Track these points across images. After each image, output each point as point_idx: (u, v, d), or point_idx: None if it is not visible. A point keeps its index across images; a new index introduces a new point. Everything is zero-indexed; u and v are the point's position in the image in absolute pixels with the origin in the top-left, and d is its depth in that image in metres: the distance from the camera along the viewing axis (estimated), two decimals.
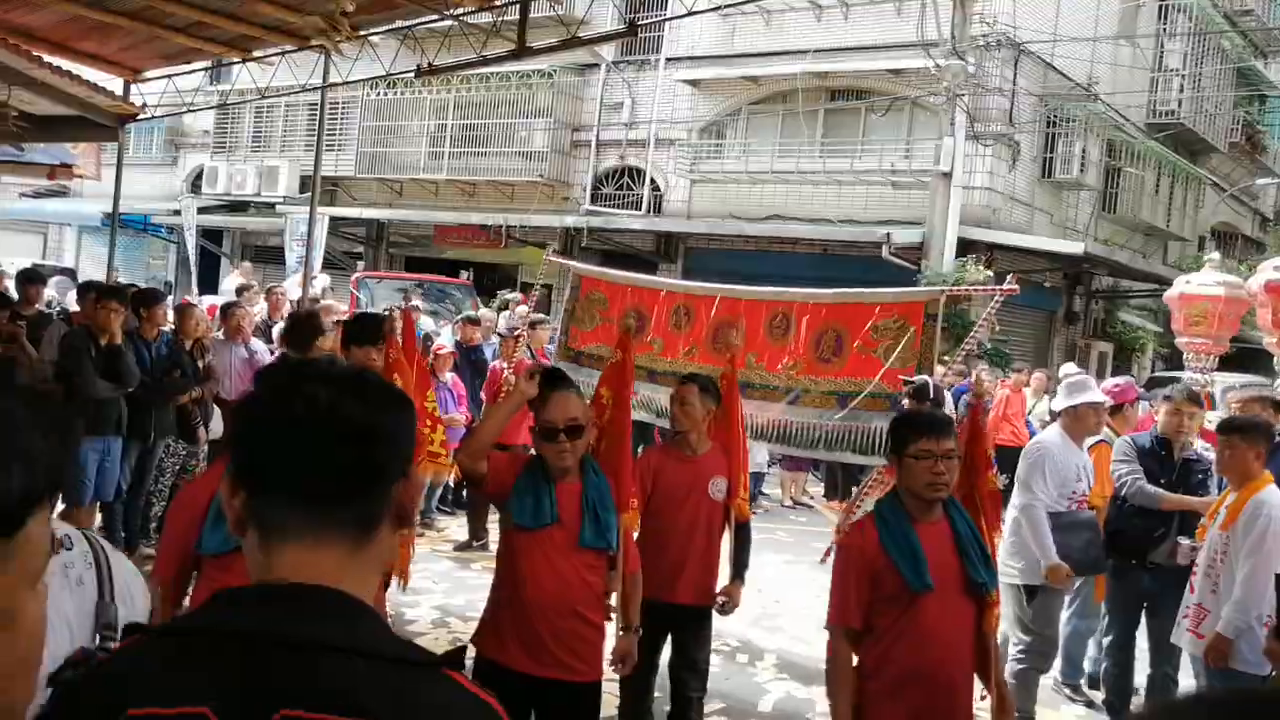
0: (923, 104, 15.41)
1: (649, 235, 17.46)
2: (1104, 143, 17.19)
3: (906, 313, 5.23)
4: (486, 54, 9.82)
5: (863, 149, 15.77)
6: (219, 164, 21.15)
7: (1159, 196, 18.89)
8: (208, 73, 18.28)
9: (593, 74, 17.86)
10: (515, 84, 17.91)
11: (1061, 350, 16.72)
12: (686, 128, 17.09)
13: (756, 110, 16.82)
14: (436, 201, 19.19)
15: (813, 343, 5.54)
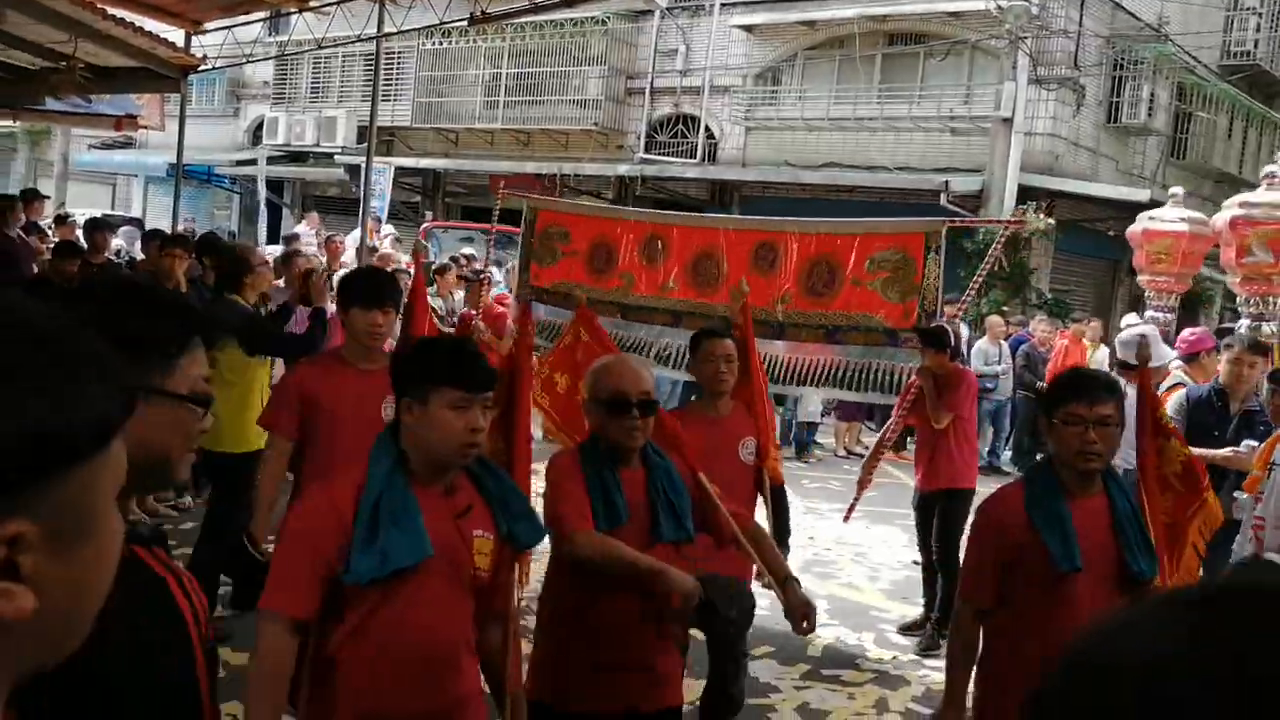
0: (983, 47, 15.05)
1: (703, 184, 17.36)
2: (1174, 86, 16.66)
3: (906, 244, 5.05)
4: (539, 1, 9.84)
5: (921, 95, 15.47)
6: (279, 115, 21.33)
7: (1231, 142, 18.30)
8: (266, 24, 18.45)
9: (646, 20, 17.68)
10: (569, 31, 17.80)
11: (1125, 301, 16.39)
12: (741, 74, 16.88)
13: (813, 56, 16.55)
14: (492, 151, 19.24)
15: (803, 274, 5.32)
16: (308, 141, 20.66)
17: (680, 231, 5.76)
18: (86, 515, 0.71)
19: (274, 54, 19.02)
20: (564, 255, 6.05)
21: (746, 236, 5.53)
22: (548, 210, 6.37)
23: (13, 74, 11.70)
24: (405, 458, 2.34)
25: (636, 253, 5.78)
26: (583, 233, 5.98)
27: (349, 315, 3.76)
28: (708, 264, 5.53)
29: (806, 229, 5.52)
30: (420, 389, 2.30)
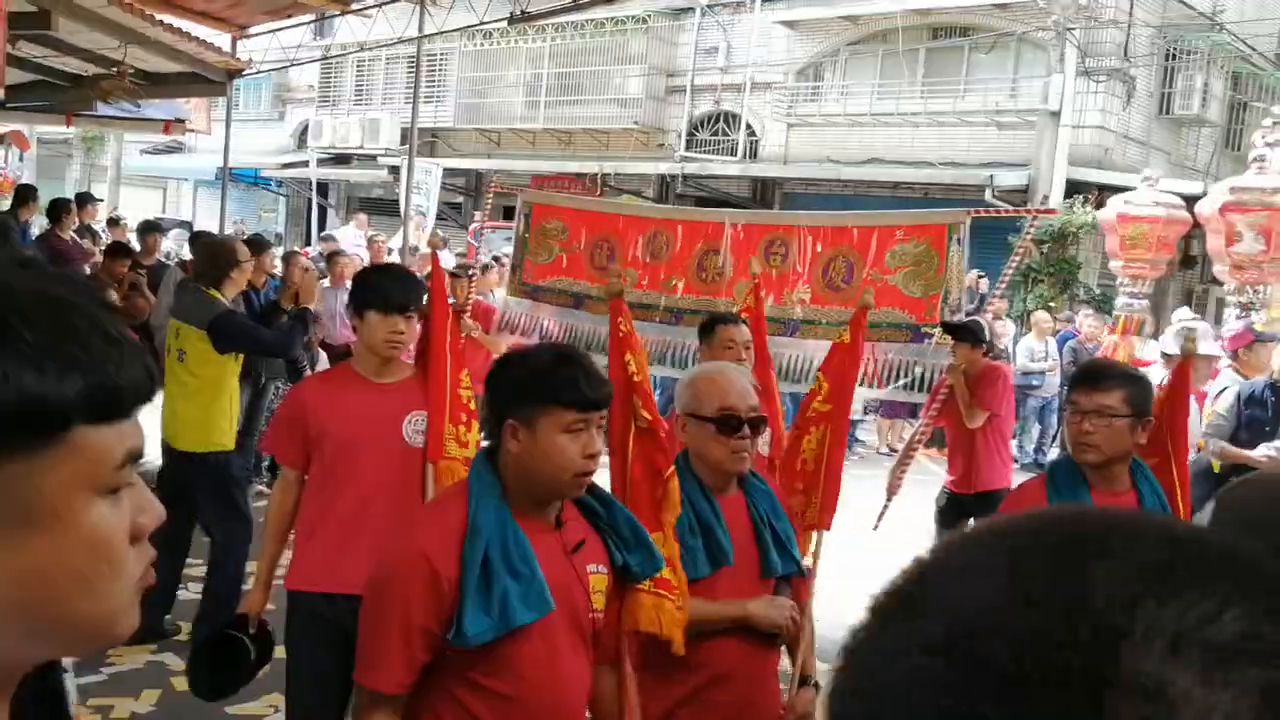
0: (1030, 39, 14.81)
1: (744, 181, 17.27)
2: (1228, 75, 16.29)
3: (927, 236, 4.86)
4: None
5: (966, 89, 15.27)
6: (324, 118, 21.57)
7: None
8: (311, 27, 18.66)
9: (687, 18, 17.62)
10: (610, 30, 17.79)
11: (1178, 295, 16.04)
12: (783, 70, 16.76)
13: (855, 51, 16.40)
14: (534, 151, 19.29)
15: (820, 269, 5.10)
16: (352, 144, 20.86)
17: (685, 226, 5.55)
18: (31, 505, 0.68)
19: (318, 57, 19.23)
20: (561, 251, 5.79)
21: (755, 231, 5.33)
22: (544, 205, 6.07)
23: (66, 80, 11.92)
24: (506, 489, 2.04)
25: (640, 249, 5.57)
26: (582, 228, 5.74)
27: (364, 321, 3.16)
28: (713, 260, 5.34)
29: (820, 222, 5.37)
30: (527, 410, 1.99)
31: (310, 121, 22.15)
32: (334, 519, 3.13)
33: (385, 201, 21.40)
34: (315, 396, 3.24)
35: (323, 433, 3.15)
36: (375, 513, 3.09)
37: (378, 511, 3.08)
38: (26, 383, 0.66)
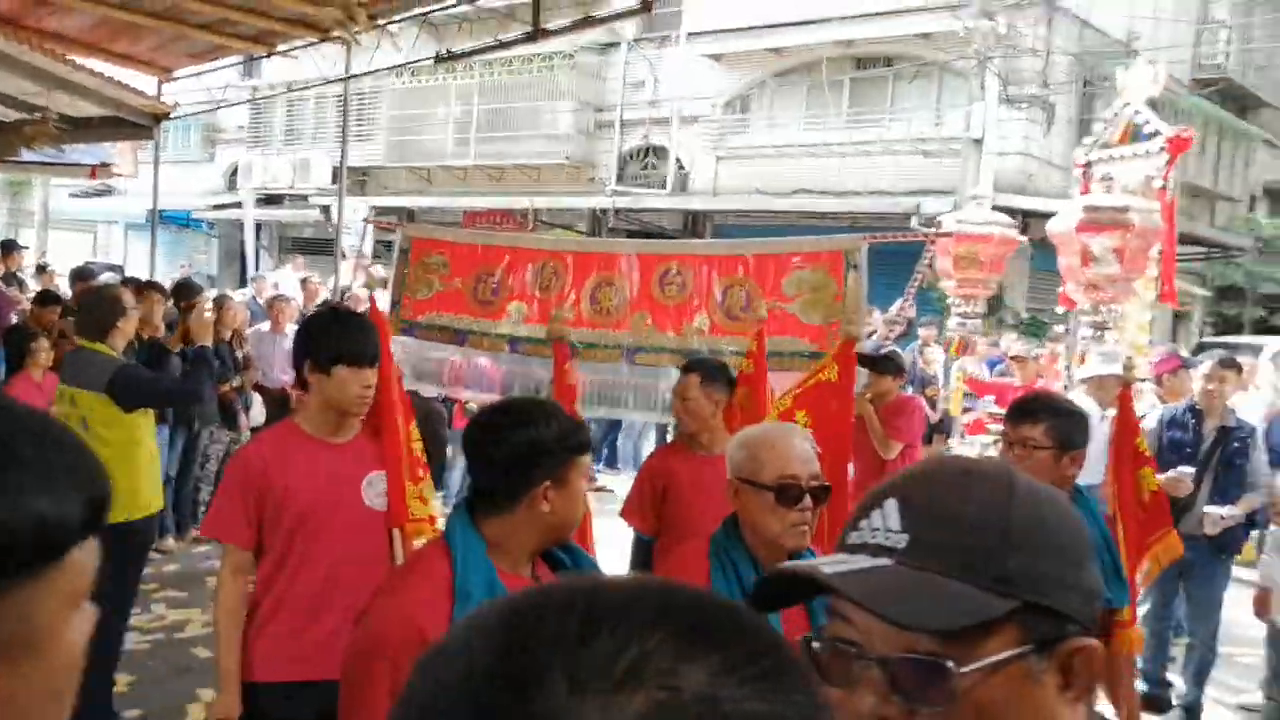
0: (952, 69, 15.04)
1: (676, 214, 17.31)
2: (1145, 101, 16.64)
3: (824, 263, 4.83)
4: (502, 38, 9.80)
5: (891, 118, 15.45)
6: (254, 158, 21.37)
7: (1205, 155, 18.27)
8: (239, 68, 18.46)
9: (614, 53, 17.70)
10: (537, 66, 17.81)
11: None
12: (711, 103, 16.87)
13: (781, 82, 16.54)
14: (465, 187, 19.22)
15: (717, 298, 5.02)
16: (283, 184, 20.68)
17: (576, 258, 5.40)
18: (32, 629, 0.67)
19: (246, 99, 19.05)
20: (442, 286, 5.58)
21: (650, 261, 5.22)
22: (424, 239, 5.85)
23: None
24: (489, 545, 2.00)
25: (528, 281, 5.41)
26: (465, 261, 5.54)
27: (330, 376, 2.81)
28: (607, 291, 5.20)
29: (716, 251, 5.36)
30: (561, 467, 1.99)
31: (241, 162, 21.94)
32: (296, 598, 2.83)
33: (318, 241, 21.18)
34: (265, 464, 2.85)
35: (279, 504, 2.82)
36: (342, 587, 2.80)
37: (345, 586, 2.79)
38: (41, 507, 0.66)
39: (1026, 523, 0.85)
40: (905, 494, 0.88)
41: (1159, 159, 6.47)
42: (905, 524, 0.86)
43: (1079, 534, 0.89)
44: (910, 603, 0.80)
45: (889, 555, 0.85)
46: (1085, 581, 0.87)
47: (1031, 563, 0.83)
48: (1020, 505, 0.86)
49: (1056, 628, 0.84)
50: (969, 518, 0.85)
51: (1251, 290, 18.77)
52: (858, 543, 0.88)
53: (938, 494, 0.88)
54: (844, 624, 0.85)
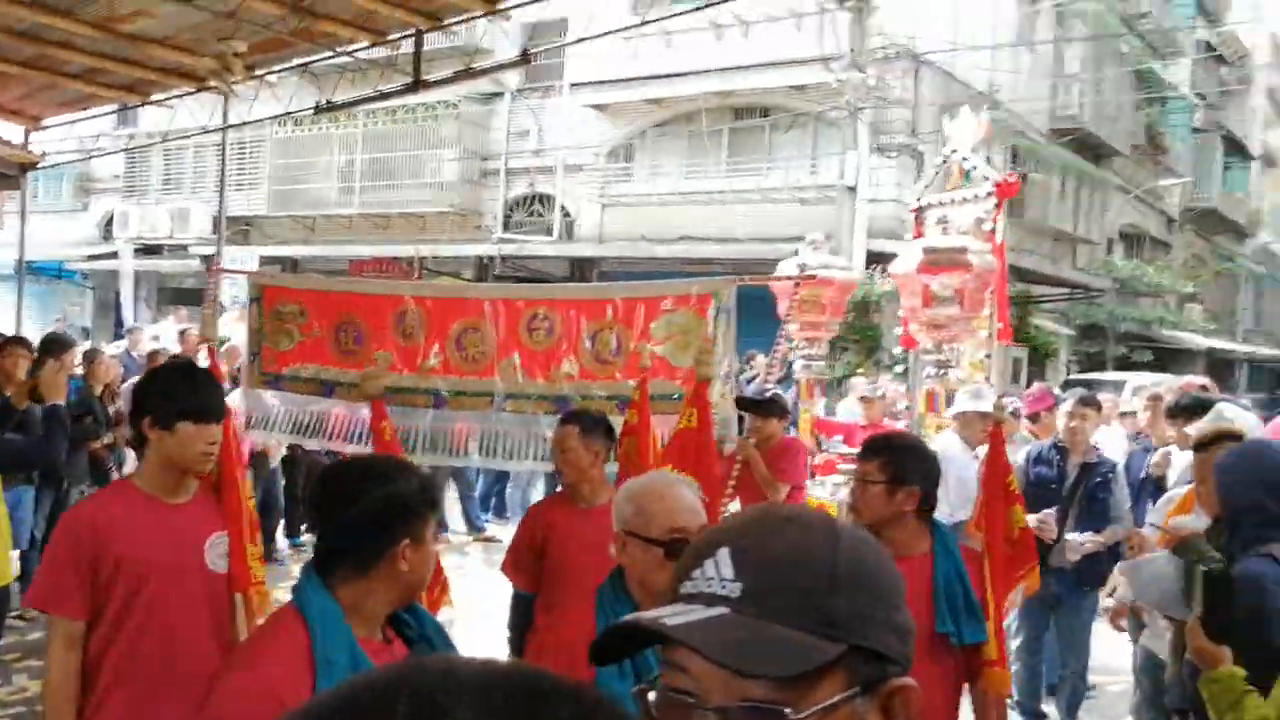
0: (826, 119, 15.58)
1: (562, 260, 17.45)
2: (1008, 150, 17.50)
3: (692, 305, 4.82)
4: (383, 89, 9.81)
5: (769, 166, 15.90)
6: (130, 208, 20.82)
7: (1065, 201, 19.28)
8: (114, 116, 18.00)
9: (498, 102, 17.85)
10: (421, 116, 17.84)
11: None
12: (594, 152, 17.12)
13: (662, 132, 16.90)
14: (350, 236, 19.04)
15: (585, 343, 4.94)
16: (161, 234, 20.19)
17: (438, 304, 5.24)
18: None
19: (121, 147, 18.61)
20: (303, 336, 5.31)
21: (515, 306, 5.11)
22: (276, 287, 5.55)
23: None
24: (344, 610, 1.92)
25: (390, 328, 5.21)
26: (323, 310, 5.31)
27: (174, 432, 2.64)
28: (473, 337, 5.05)
29: (583, 295, 5.35)
30: (420, 526, 1.96)
31: (116, 211, 21.33)
32: (136, 670, 2.62)
33: (199, 292, 20.67)
34: (98, 526, 2.64)
35: (114, 569, 2.60)
36: (186, 655, 2.64)
37: (188, 654, 2.64)
38: None
39: (851, 567, 0.88)
40: (736, 542, 0.90)
41: (988, 203, 6.71)
42: (737, 572, 0.87)
43: (896, 577, 0.93)
44: (749, 650, 0.82)
45: (724, 604, 0.86)
46: (902, 622, 0.90)
47: (857, 605, 0.86)
48: (845, 550, 0.89)
49: (879, 669, 0.87)
50: (798, 562, 0.88)
51: (1112, 329, 19.75)
52: (692, 592, 0.89)
53: (766, 540, 0.90)
54: (680, 674, 0.86)
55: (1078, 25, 19.26)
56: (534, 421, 4.94)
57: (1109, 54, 19.93)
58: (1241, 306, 28.68)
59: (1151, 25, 21.59)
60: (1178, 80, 23.42)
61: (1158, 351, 20.92)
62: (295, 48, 8.81)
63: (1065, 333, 18.96)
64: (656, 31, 15.18)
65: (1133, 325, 20.10)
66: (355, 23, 7.91)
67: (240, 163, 19.40)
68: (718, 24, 15.76)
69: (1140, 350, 19.83)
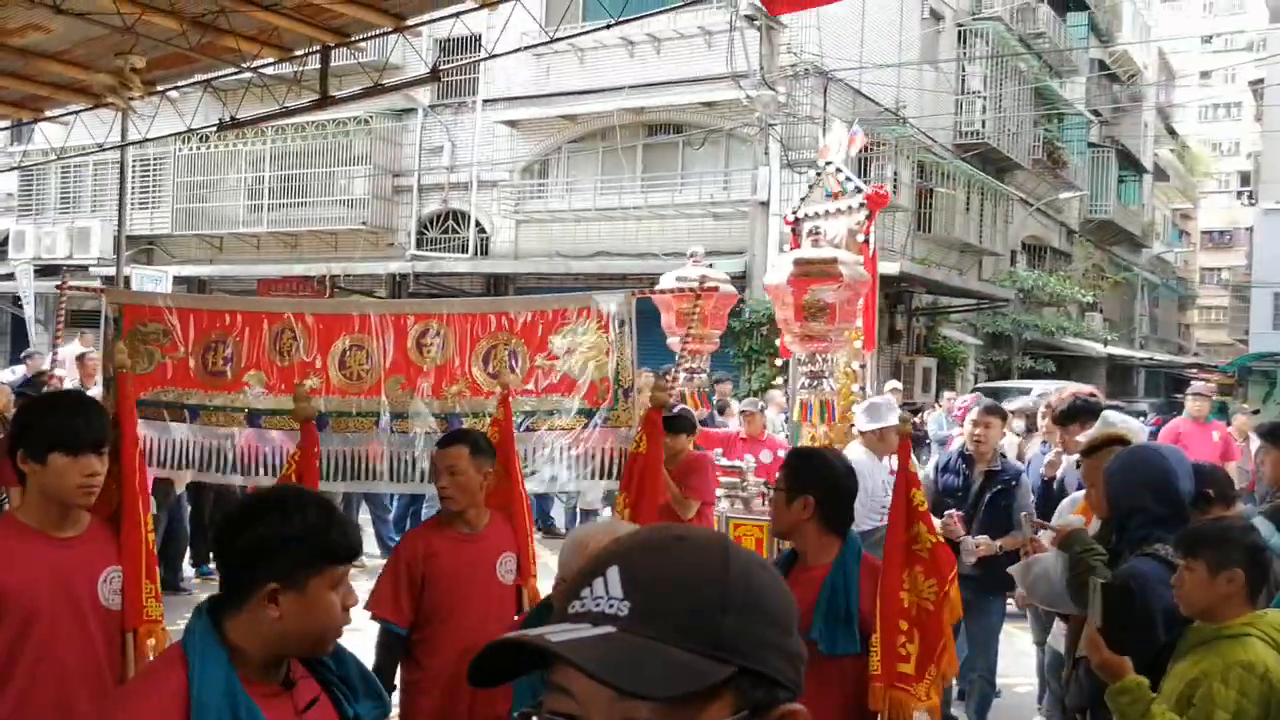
0: (738, 135, 15.78)
1: (477, 277, 17.33)
2: (915, 164, 17.93)
3: (591, 319, 4.77)
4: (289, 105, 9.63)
5: (682, 182, 16.04)
6: (26, 227, 20.11)
7: (970, 214, 19.79)
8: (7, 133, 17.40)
9: (410, 118, 17.70)
10: (332, 132, 17.59)
11: (886, 369, 17.25)
12: (508, 168, 17.07)
13: (576, 148, 16.93)
14: (259, 255, 18.66)
15: (479, 359, 4.82)
16: (60, 254, 19.52)
17: (319, 320, 5.00)
18: None
19: (13, 165, 17.98)
20: (165, 358, 4.98)
21: (402, 321, 4.93)
22: (137, 305, 5.18)
23: None
24: (234, 653, 1.83)
25: (265, 348, 4.95)
26: (189, 329, 5.00)
27: (45, 466, 2.52)
28: (358, 355, 4.86)
29: (477, 309, 5.12)
30: (296, 572, 1.81)
31: (11, 231, 20.59)
32: (27, 714, 2.50)
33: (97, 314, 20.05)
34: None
35: (7, 601, 2.47)
36: (82, 698, 2.54)
37: (85, 695, 2.54)
38: None
39: (741, 587, 0.87)
40: (625, 561, 0.89)
41: (860, 214, 6.81)
42: (626, 590, 0.86)
43: (788, 600, 0.91)
44: (634, 670, 0.80)
45: (611, 623, 0.85)
46: (793, 646, 0.88)
47: (747, 627, 0.85)
48: (734, 570, 0.87)
49: (768, 694, 0.85)
50: (687, 583, 0.86)
51: (1017, 337, 20.32)
52: (580, 611, 0.87)
53: (657, 560, 0.88)
54: (563, 697, 0.84)
55: (979, 44, 19.83)
56: (424, 441, 4.76)
57: (1009, 72, 20.56)
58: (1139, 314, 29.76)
59: (1048, 45, 22.35)
60: (1074, 97, 24.28)
61: (1061, 359, 21.59)
62: (197, 63, 8.62)
63: (973, 342, 19.44)
64: (569, 48, 15.24)
65: (1037, 334, 20.70)
66: (260, 39, 7.78)
67: (143, 180, 18.88)
68: (630, 41, 15.87)
69: (1044, 359, 20.43)
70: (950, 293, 18.08)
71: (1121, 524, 3.24)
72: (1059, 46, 23.05)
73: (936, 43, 19.27)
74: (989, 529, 5.38)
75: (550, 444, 4.76)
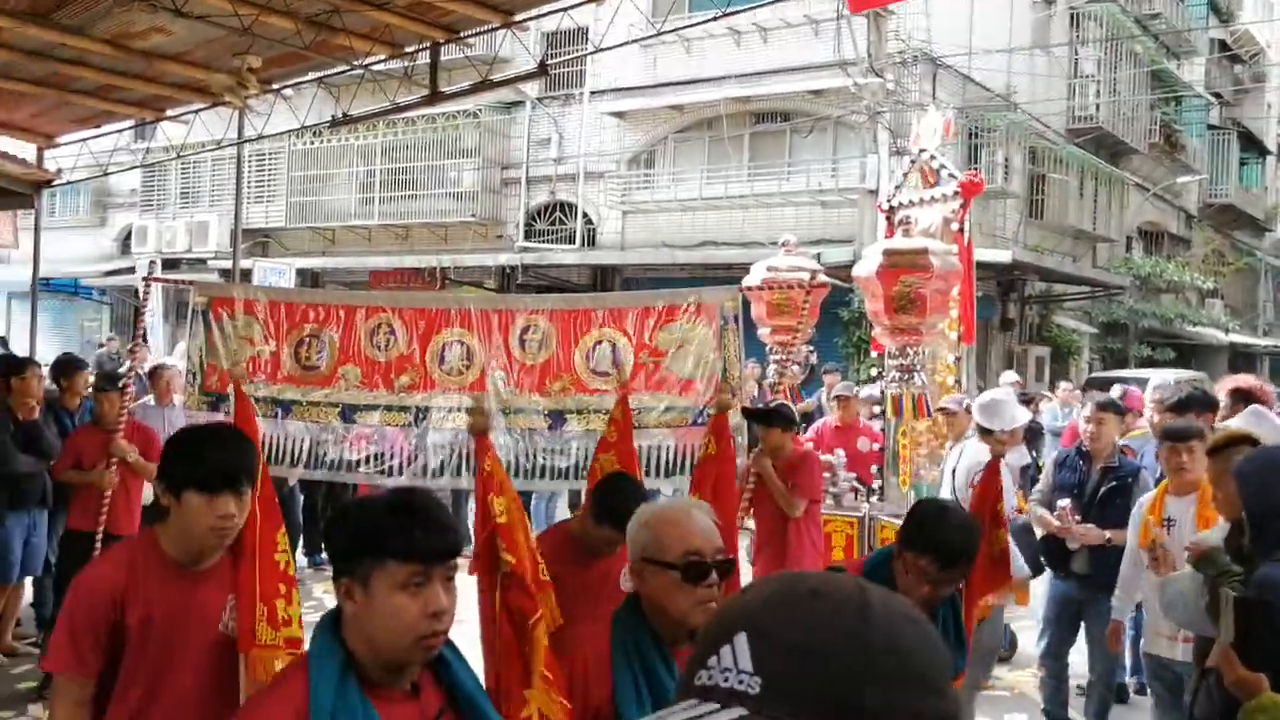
0: (845, 122, 15.60)
1: (584, 269, 17.47)
2: (1026, 151, 17.51)
3: (698, 315, 4.70)
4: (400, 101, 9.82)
5: (789, 170, 15.91)
6: (148, 222, 20.88)
7: (1084, 200, 19.25)
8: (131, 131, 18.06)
9: (519, 111, 17.89)
10: (442, 125, 17.88)
11: (999, 358, 16.91)
12: (615, 159, 17.15)
13: (683, 138, 16.93)
14: (370, 247, 19.07)
15: (581, 356, 4.75)
16: (179, 248, 20.24)
17: (417, 314, 4.93)
18: None
19: (137, 163, 18.65)
20: (255, 351, 4.92)
21: (505, 316, 4.88)
22: (227, 298, 5.08)
23: None
24: (353, 656, 1.78)
25: (360, 343, 4.89)
26: (279, 323, 4.95)
27: (180, 502, 2.45)
28: (458, 350, 4.82)
29: (579, 305, 5.02)
30: (360, 567, 1.75)
31: (134, 226, 21.39)
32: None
33: None
34: (116, 592, 2.47)
35: (130, 636, 2.47)
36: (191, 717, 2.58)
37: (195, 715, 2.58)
38: None
39: (885, 649, 0.78)
40: (754, 625, 0.80)
41: (954, 202, 6.60)
42: (757, 663, 0.78)
43: (939, 656, 0.82)
44: None
45: (741, 702, 0.77)
46: (946, 710, 0.79)
47: (893, 697, 0.77)
48: (877, 630, 0.79)
49: None
50: (824, 650, 0.78)
51: (1134, 326, 19.71)
52: (708, 684, 0.80)
53: (788, 623, 0.80)
54: None
55: (1092, 27, 19.25)
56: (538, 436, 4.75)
57: (1123, 55, 19.93)
58: (1262, 300, 28.59)
59: (1165, 26, 21.59)
60: (1192, 79, 23.41)
61: (1180, 348, 20.88)
62: (311, 61, 8.84)
63: (1088, 330, 18.93)
64: (676, 39, 15.24)
65: (1154, 322, 20.06)
66: (372, 36, 7.94)
67: (259, 175, 19.45)
68: (736, 30, 15.78)
69: (1162, 347, 19.79)
70: (1064, 280, 17.63)
71: (1259, 527, 3.07)
72: (1176, 27, 22.25)
73: (1048, 26, 18.77)
74: (1101, 526, 5.20)
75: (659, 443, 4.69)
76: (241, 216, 14.11)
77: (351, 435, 4.91)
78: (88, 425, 6.10)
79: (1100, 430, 5.32)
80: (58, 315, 23.56)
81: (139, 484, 6.14)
